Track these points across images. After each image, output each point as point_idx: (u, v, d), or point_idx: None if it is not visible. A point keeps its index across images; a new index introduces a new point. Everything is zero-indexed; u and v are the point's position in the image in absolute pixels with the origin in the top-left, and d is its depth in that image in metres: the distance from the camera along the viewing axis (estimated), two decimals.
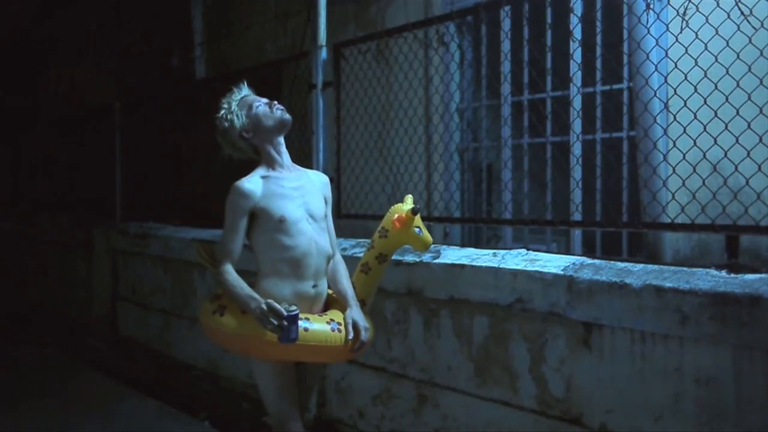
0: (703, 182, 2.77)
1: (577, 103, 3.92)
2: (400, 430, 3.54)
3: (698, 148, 2.78)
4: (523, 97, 4.19)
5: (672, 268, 2.61)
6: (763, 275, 2.37)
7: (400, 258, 3.42)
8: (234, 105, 2.75)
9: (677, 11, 2.97)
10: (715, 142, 2.71)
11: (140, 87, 7.88)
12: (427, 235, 2.71)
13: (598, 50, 3.78)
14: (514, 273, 2.93)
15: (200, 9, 7.58)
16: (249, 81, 2.88)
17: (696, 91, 2.80)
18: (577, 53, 3.69)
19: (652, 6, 3.16)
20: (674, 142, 2.90)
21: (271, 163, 2.72)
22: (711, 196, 2.75)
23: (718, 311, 2.27)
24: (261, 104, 2.73)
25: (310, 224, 2.66)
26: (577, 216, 3.70)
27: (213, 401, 4.76)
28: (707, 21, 2.79)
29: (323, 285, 2.73)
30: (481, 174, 4.68)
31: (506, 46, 4.07)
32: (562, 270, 2.80)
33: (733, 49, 2.69)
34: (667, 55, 3.00)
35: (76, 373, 5.75)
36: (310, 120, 4.19)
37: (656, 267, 2.64)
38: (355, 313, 2.65)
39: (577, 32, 3.71)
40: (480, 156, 4.71)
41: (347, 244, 3.84)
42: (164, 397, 5.00)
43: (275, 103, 2.75)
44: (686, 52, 2.85)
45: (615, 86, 3.88)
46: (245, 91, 2.84)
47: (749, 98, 2.64)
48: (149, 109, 6.56)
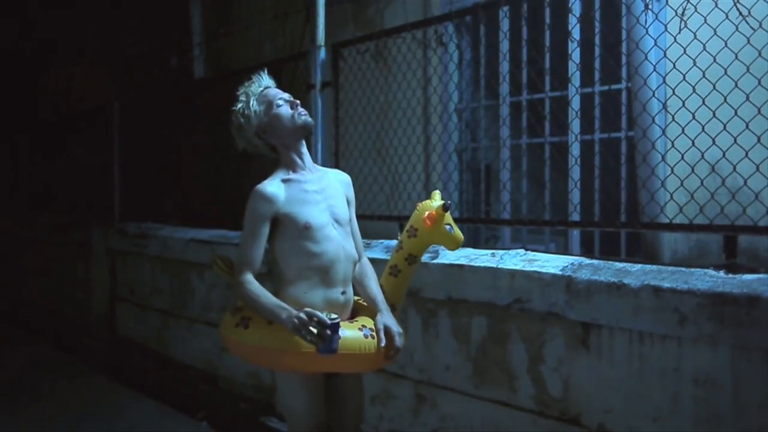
0: (702, 182, 2.77)
1: (575, 103, 3.92)
2: (399, 430, 3.54)
3: (696, 148, 2.78)
4: (522, 97, 4.19)
5: (670, 268, 2.61)
6: (761, 275, 2.37)
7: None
8: (253, 100, 2.58)
9: (675, 11, 2.97)
10: (714, 143, 2.71)
11: (139, 87, 7.87)
12: (458, 233, 2.56)
13: (597, 50, 3.78)
14: (513, 273, 2.93)
15: (199, 9, 7.57)
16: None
17: (694, 91, 2.80)
18: (575, 53, 3.69)
19: (650, 6, 3.16)
20: (672, 143, 2.90)
21: (291, 165, 2.57)
22: (709, 197, 2.75)
23: (716, 311, 2.27)
24: (283, 103, 2.56)
25: (335, 229, 2.51)
26: (576, 216, 3.70)
27: (211, 401, 4.76)
28: (705, 21, 2.79)
29: (351, 291, 2.59)
30: (480, 174, 4.68)
31: (505, 46, 4.06)
32: (561, 270, 2.80)
33: (731, 50, 2.69)
34: (665, 55, 3.00)
35: (74, 374, 5.75)
36: None
37: (654, 267, 2.64)
38: (387, 318, 2.47)
39: (576, 32, 3.71)
40: (478, 156, 4.71)
41: None
42: (162, 397, 5.01)
43: (298, 104, 2.58)
44: (684, 52, 2.85)
45: (613, 86, 3.88)
46: (266, 81, 2.66)
47: (747, 98, 2.64)
48: (148, 108, 6.55)
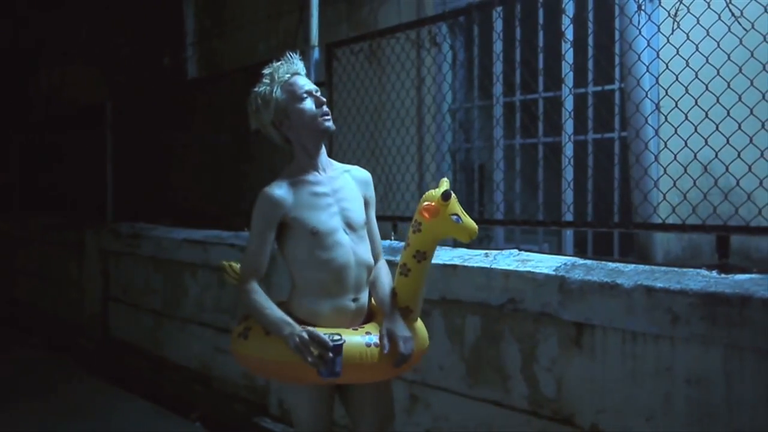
0: (694, 183, 2.78)
1: (568, 103, 3.93)
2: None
3: (689, 148, 2.79)
4: (515, 97, 4.19)
5: (663, 268, 2.61)
6: (753, 276, 2.38)
7: (391, 258, 3.41)
8: (277, 86, 2.37)
9: (668, 12, 2.98)
10: (706, 143, 2.72)
11: (132, 86, 7.85)
12: (469, 222, 2.28)
13: (590, 51, 3.79)
14: (506, 273, 2.93)
15: (192, 9, 7.57)
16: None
17: (687, 92, 2.81)
18: (568, 54, 3.70)
19: (643, 7, 3.17)
20: (665, 143, 2.91)
21: (304, 163, 2.42)
22: (702, 197, 2.76)
23: (708, 311, 2.28)
24: (308, 100, 2.37)
25: (347, 234, 2.37)
26: (569, 216, 3.70)
27: (205, 402, 4.74)
28: (698, 22, 2.80)
29: (364, 297, 2.44)
30: (473, 174, 4.69)
31: (498, 46, 4.07)
32: (554, 270, 2.80)
33: (723, 50, 2.71)
34: (658, 56, 3.00)
35: (66, 374, 5.73)
36: None
37: (647, 267, 2.65)
38: (392, 322, 2.30)
39: (569, 33, 3.72)
40: (472, 156, 4.71)
41: None
42: (155, 397, 4.99)
43: (324, 105, 2.39)
44: (677, 53, 2.86)
45: (606, 87, 3.89)
46: (296, 66, 2.43)
47: (740, 99, 2.65)
48: (141, 108, 6.53)
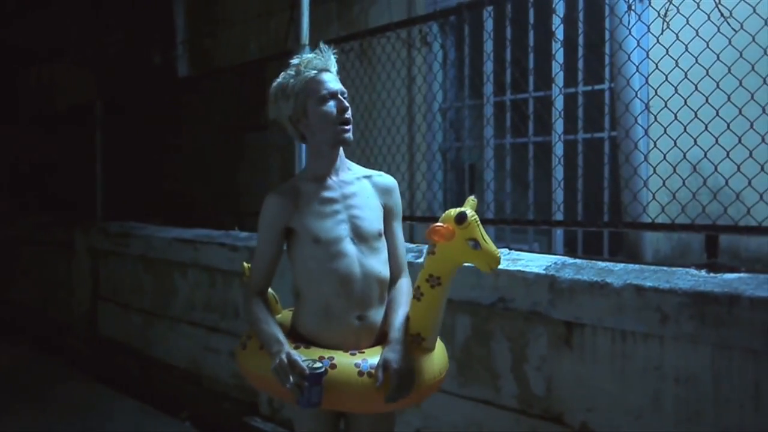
0: (683, 182, 2.79)
1: (559, 103, 3.94)
2: None
3: (678, 148, 2.80)
4: (506, 97, 4.20)
5: (652, 267, 2.62)
6: (741, 275, 2.39)
7: None
8: (301, 81, 2.19)
9: (658, 12, 3.00)
10: (695, 143, 2.73)
11: (122, 85, 7.82)
12: (490, 250, 1.98)
13: (580, 51, 3.80)
14: (496, 272, 2.93)
15: (182, 7, 7.54)
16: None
17: (676, 91, 2.82)
18: (559, 54, 3.71)
19: (633, 7, 3.18)
20: (655, 143, 2.92)
21: (317, 166, 2.26)
22: (691, 196, 2.77)
23: (697, 310, 2.29)
24: (331, 103, 2.17)
25: (354, 244, 2.18)
26: (559, 216, 3.71)
27: (194, 401, 4.73)
28: (688, 22, 2.81)
29: (374, 316, 2.21)
30: (464, 174, 4.69)
31: (489, 46, 4.07)
32: (544, 269, 2.81)
33: (713, 51, 2.72)
34: (648, 56, 3.02)
35: (55, 374, 5.71)
36: None
37: (637, 266, 2.66)
38: (393, 350, 2.07)
39: (560, 33, 3.73)
40: (462, 156, 4.72)
41: None
42: (145, 397, 4.98)
43: (347, 112, 2.19)
44: (667, 53, 2.87)
45: (596, 87, 3.90)
46: (325, 61, 2.23)
47: (729, 99, 2.66)
48: (131, 107, 6.51)
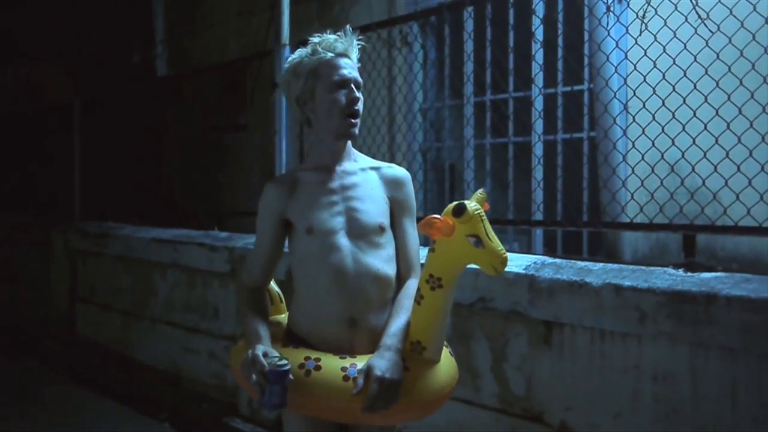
0: (661, 183, 2.82)
1: (538, 103, 3.96)
2: None
3: (656, 149, 2.82)
4: (486, 97, 4.22)
5: (631, 267, 2.64)
6: (718, 274, 2.41)
7: None
8: (315, 60, 2.05)
9: (636, 14, 3.02)
10: (673, 143, 2.76)
11: (100, 84, 7.76)
12: (494, 249, 1.77)
13: (560, 52, 3.82)
14: (476, 272, 2.93)
15: (162, 6, 7.49)
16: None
17: (654, 92, 2.85)
18: (538, 54, 3.73)
19: (612, 8, 3.20)
20: (633, 143, 2.94)
21: (319, 154, 2.14)
22: (669, 196, 2.79)
23: (675, 309, 2.31)
24: (342, 94, 2.03)
25: (349, 238, 2.03)
26: (539, 215, 3.74)
27: (174, 403, 4.70)
28: (666, 24, 2.83)
29: (372, 318, 2.04)
30: (444, 174, 4.70)
31: (469, 46, 4.09)
32: (524, 269, 2.82)
33: (690, 52, 2.74)
34: (626, 57, 3.04)
35: (32, 375, 5.65)
36: (273, 119, 4.16)
37: (615, 266, 2.67)
38: (378, 357, 1.89)
39: (539, 34, 3.75)
40: (443, 156, 4.73)
41: None
42: (124, 398, 4.94)
43: (357, 104, 2.06)
44: (645, 54, 2.89)
45: (576, 87, 3.92)
46: (344, 45, 2.07)
47: (706, 100, 2.68)
48: (109, 106, 6.46)
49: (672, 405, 2.37)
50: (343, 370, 1.89)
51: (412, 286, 2.06)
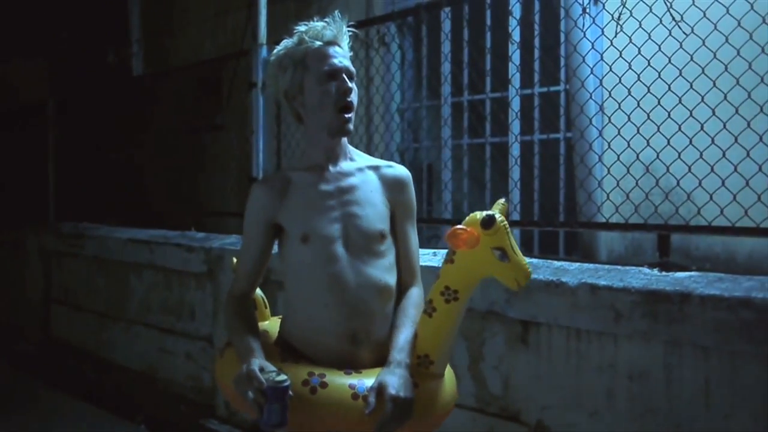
0: (636, 183, 2.84)
1: (515, 104, 3.97)
2: None
3: (632, 149, 2.84)
4: (463, 98, 4.23)
5: (606, 266, 2.66)
6: (692, 273, 2.44)
7: None
8: (302, 50, 1.90)
9: (612, 16, 3.04)
10: (648, 144, 2.78)
11: (75, 84, 7.68)
12: (519, 263, 1.71)
13: (536, 53, 3.84)
14: None
15: (138, 5, 7.44)
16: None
17: (630, 93, 2.87)
18: (515, 55, 3.74)
19: (588, 10, 3.22)
20: (609, 144, 2.96)
21: (313, 152, 1.97)
22: (644, 197, 2.81)
23: (649, 309, 2.32)
24: (333, 86, 1.87)
25: (347, 247, 1.88)
26: (515, 216, 3.75)
27: (150, 404, 4.66)
28: (641, 26, 2.86)
29: (376, 331, 1.90)
30: (422, 174, 4.71)
31: (446, 47, 4.10)
32: None
33: (664, 53, 2.76)
34: (602, 58, 3.06)
35: (4, 378, 5.58)
36: (250, 119, 4.14)
37: (591, 266, 2.69)
38: (391, 372, 1.75)
39: (516, 35, 3.76)
40: (420, 156, 4.74)
41: None
42: (99, 400, 4.89)
43: (350, 96, 1.89)
44: (620, 55, 2.91)
45: (552, 88, 3.94)
46: (333, 32, 1.93)
47: (680, 101, 2.71)
48: (84, 106, 6.39)
49: (647, 403, 2.39)
50: (351, 387, 1.76)
51: (415, 295, 1.96)
